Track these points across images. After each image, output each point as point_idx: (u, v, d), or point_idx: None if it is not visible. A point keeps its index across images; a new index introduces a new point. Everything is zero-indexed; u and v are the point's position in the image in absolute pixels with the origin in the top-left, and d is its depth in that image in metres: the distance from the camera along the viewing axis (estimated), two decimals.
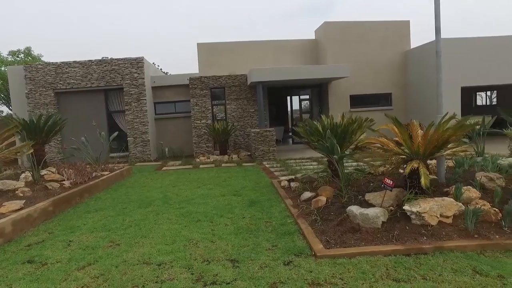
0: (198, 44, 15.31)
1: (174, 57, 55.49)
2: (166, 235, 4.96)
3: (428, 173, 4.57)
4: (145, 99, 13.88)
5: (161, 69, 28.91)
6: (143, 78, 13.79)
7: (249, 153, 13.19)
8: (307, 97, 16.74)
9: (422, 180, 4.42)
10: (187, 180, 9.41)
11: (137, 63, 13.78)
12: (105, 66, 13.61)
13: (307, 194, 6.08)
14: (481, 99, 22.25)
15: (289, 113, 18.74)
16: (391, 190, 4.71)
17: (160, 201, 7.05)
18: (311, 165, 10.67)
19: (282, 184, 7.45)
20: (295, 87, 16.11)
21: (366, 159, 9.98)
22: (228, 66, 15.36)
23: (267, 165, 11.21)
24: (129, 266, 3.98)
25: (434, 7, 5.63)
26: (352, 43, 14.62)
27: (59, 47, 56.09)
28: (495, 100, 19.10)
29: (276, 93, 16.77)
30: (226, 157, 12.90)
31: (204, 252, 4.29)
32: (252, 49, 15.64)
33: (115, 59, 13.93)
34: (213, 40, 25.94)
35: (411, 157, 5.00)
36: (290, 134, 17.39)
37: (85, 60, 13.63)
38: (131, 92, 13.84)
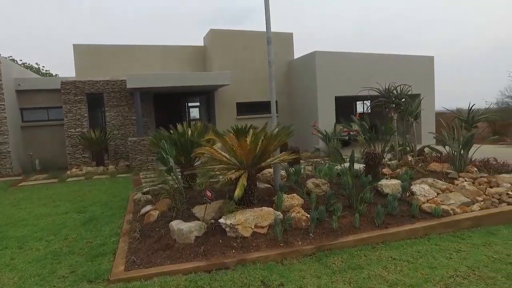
0: (74, 45, 13.91)
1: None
2: None
3: (245, 184, 4.59)
4: (4, 104, 12.04)
5: (47, 71, 25.92)
6: (0, 80, 11.97)
7: (128, 163, 12.36)
8: (197, 104, 16.51)
9: (236, 192, 4.40)
10: (39, 196, 8.30)
11: None
12: None
13: (146, 208, 5.72)
14: (367, 107, 24.70)
15: (187, 120, 18.29)
16: (209, 203, 4.62)
17: None
18: None
19: (135, 197, 6.97)
20: (184, 94, 15.74)
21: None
22: (111, 71, 14.30)
23: (141, 176, 10.57)
24: None
25: (265, 22, 5.79)
26: (238, 52, 14.85)
27: None
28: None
29: (171, 99, 16.15)
30: (101, 168, 11.88)
31: None
32: (138, 54, 14.83)
33: None
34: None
35: (240, 167, 5.01)
36: None
37: None
38: None
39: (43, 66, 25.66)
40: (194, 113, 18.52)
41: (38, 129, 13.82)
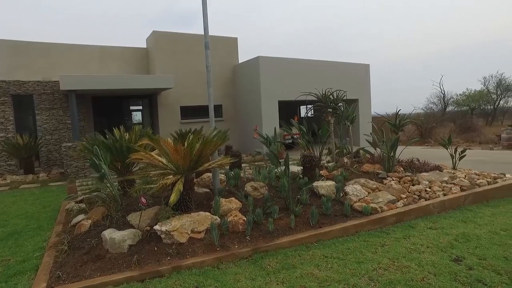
0: None
1: None
2: None
3: (181, 189, 4.52)
4: None
5: None
6: None
7: (62, 171, 11.53)
8: (140, 108, 15.95)
9: (172, 197, 4.32)
10: None
11: None
12: None
13: (79, 218, 5.37)
14: (307, 111, 25.57)
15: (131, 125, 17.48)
16: (144, 209, 4.48)
17: None
18: None
19: (67, 206, 6.52)
20: (126, 97, 15.09)
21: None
22: (43, 71, 13.26)
23: (77, 184, 9.92)
24: None
25: (203, 28, 5.77)
26: (182, 55, 14.61)
27: None
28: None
29: (112, 103, 15.28)
30: (30, 176, 10.94)
31: None
32: (73, 53, 13.93)
33: None
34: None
35: (176, 172, 4.92)
36: None
37: None
38: None
39: None
40: (138, 116, 17.84)
41: None
